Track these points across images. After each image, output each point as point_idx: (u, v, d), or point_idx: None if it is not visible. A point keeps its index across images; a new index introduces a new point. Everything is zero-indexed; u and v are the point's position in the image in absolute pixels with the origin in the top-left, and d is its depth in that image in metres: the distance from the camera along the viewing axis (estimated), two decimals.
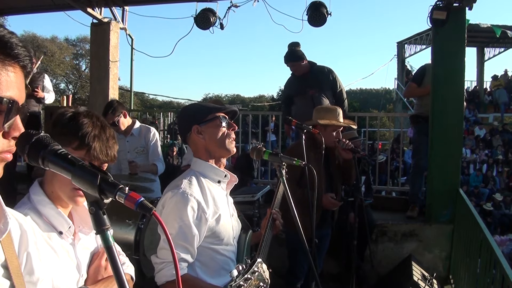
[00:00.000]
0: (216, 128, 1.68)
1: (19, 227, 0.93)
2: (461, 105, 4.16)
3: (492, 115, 15.67)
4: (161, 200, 1.63)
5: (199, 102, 2.09)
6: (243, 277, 1.04)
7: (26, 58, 0.77)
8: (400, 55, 17.40)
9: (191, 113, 1.74)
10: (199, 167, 1.70)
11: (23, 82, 0.78)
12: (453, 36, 4.01)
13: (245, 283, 1.03)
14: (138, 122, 3.72)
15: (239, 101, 34.91)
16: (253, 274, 1.06)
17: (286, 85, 4.63)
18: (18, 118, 0.77)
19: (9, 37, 0.75)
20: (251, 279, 1.04)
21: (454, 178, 4.13)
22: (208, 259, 1.64)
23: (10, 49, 0.75)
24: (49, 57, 23.83)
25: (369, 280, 3.92)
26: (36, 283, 0.94)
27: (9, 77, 0.74)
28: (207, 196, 1.63)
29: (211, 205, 1.63)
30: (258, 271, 1.07)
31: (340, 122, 2.93)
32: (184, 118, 1.76)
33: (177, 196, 1.56)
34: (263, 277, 1.09)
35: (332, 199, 2.87)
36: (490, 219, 9.99)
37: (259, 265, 1.08)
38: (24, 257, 0.93)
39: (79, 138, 1.20)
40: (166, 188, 1.67)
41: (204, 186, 1.65)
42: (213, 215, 1.63)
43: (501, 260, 2.35)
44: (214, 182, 1.70)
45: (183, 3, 5.55)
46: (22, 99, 0.77)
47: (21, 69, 0.78)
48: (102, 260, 1.27)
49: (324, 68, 4.35)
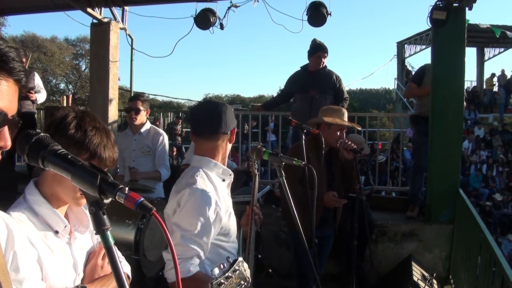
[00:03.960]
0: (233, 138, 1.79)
1: (5, 226, 0.94)
2: (461, 105, 4.16)
3: (491, 115, 15.69)
4: (175, 198, 1.64)
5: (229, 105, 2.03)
6: (224, 275, 1.06)
7: (20, 73, 0.78)
8: (400, 55, 17.43)
9: (231, 114, 1.75)
10: (206, 165, 1.71)
11: (15, 94, 0.79)
12: (453, 36, 4.01)
13: (226, 281, 1.06)
14: (149, 123, 3.71)
15: (239, 101, 34.89)
16: (234, 273, 1.09)
17: (290, 80, 4.59)
18: (6, 128, 0.77)
19: (5, 51, 0.76)
20: (232, 277, 1.08)
21: (454, 178, 4.13)
22: (215, 255, 1.66)
23: (5, 63, 0.76)
24: (49, 57, 23.85)
25: (369, 280, 3.91)
26: (22, 281, 0.96)
27: (1, 89, 0.75)
28: (218, 194, 1.66)
29: (223, 202, 1.67)
30: (239, 269, 1.11)
31: (345, 122, 2.94)
32: (226, 115, 1.72)
33: (196, 193, 1.58)
34: (244, 276, 1.12)
35: (334, 197, 2.88)
36: (490, 219, 10.00)
37: (240, 264, 1.12)
38: (10, 256, 0.93)
39: (89, 151, 1.20)
40: (176, 187, 1.68)
41: (214, 184, 1.68)
42: (226, 212, 1.67)
43: (501, 260, 2.35)
44: (220, 180, 1.73)
45: (183, 3, 5.55)
46: (12, 110, 0.78)
47: (15, 82, 0.78)
48: (98, 259, 1.28)
49: (333, 73, 4.39)
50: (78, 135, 1.20)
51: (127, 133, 3.68)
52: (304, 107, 4.27)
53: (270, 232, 4.36)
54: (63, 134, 1.19)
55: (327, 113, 2.99)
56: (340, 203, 2.94)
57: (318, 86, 4.28)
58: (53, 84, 26.04)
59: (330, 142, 2.87)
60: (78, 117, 1.24)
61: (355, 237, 2.94)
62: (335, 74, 4.38)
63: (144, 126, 3.58)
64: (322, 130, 2.87)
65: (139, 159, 3.54)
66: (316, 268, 2.06)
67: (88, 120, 1.24)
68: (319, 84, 4.28)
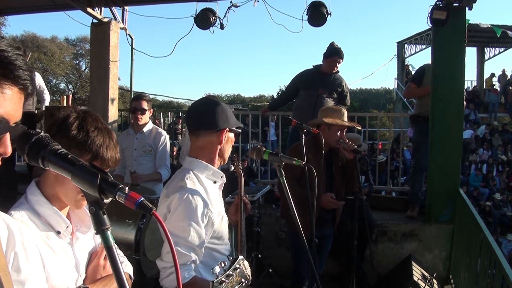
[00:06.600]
0: (231, 142, 1.74)
1: (6, 227, 0.94)
2: (461, 105, 4.16)
3: (491, 115, 15.70)
4: (165, 202, 1.60)
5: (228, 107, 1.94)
6: (225, 274, 1.06)
7: (26, 81, 0.77)
8: (400, 55, 17.42)
9: (226, 114, 1.68)
10: (196, 167, 1.67)
11: (19, 102, 0.78)
12: (453, 36, 4.00)
13: (227, 279, 1.06)
14: (152, 123, 3.72)
15: (239, 101, 34.86)
16: (234, 271, 1.08)
17: (298, 76, 4.54)
18: (7, 136, 0.77)
19: (12, 59, 0.75)
20: (232, 276, 1.07)
21: (454, 178, 4.13)
22: (209, 259, 1.64)
23: (10, 71, 0.75)
24: (49, 57, 23.85)
25: (369, 280, 3.91)
26: (24, 282, 0.95)
27: (4, 96, 0.74)
28: (209, 196, 1.63)
29: (215, 205, 1.64)
30: (240, 267, 1.10)
31: (345, 122, 2.95)
32: (217, 113, 1.66)
33: (186, 199, 1.54)
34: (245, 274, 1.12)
35: (332, 198, 2.87)
36: (490, 219, 10.00)
37: (241, 262, 1.11)
38: (12, 257, 0.93)
39: (92, 152, 1.19)
40: (166, 190, 1.65)
41: (205, 186, 1.64)
42: (218, 215, 1.64)
43: (501, 260, 2.35)
44: (211, 182, 1.70)
45: (183, 3, 5.55)
46: (14, 118, 0.77)
47: (20, 90, 0.77)
48: (100, 259, 1.28)
49: (343, 80, 4.42)
50: (80, 136, 1.19)
51: (128, 132, 3.69)
52: (309, 104, 4.26)
53: (270, 232, 4.37)
54: (65, 135, 1.18)
55: (327, 113, 2.99)
56: (337, 205, 2.93)
57: (326, 86, 4.29)
58: (53, 84, 26.03)
59: (330, 142, 2.87)
60: (80, 117, 1.23)
61: (355, 237, 2.94)
62: (344, 81, 4.42)
63: (147, 125, 3.59)
64: (322, 131, 2.87)
65: (140, 158, 3.54)
66: (316, 267, 2.06)
67: (90, 121, 1.23)
68: (328, 85, 4.30)
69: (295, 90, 4.55)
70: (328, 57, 4.27)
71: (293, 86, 4.57)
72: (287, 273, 3.65)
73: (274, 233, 4.40)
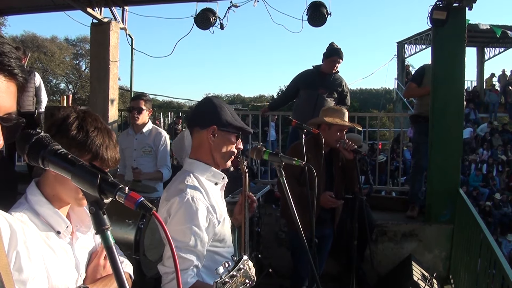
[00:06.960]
0: (228, 142, 1.66)
1: (8, 227, 0.94)
2: (461, 105, 4.16)
3: (491, 115, 15.69)
4: (165, 206, 1.57)
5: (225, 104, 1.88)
6: (229, 274, 1.05)
7: (12, 68, 0.75)
8: (400, 55, 17.43)
9: (217, 110, 1.63)
10: (197, 169, 1.64)
11: (7, 90, 0.75)
12: (453, 36, 4.01)
13: (230, 280, 1.04)
14: (151, 123, 3.72)
15: (239, 101, 34.88)
16: (238, 271, 1.06)
17: (299, 76, 4.56)
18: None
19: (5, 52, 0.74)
20: (236, 276, 1.06)
21: (454, 178, 4.13)
22: (211, 262, 1.61)
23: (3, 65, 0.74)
24: (49, 57, 23.86)
25: (369, 280, 3.91)
26: (26, 281, 0.95)
27: None
28: (210, 199, 1.60)
29: (216, 207, 1.60)
30: (244, 268, 1.08)
31: (345, 122, 2.95)
32: (207, 110, 1.65)
33: (186, 202, 1.50)
34: (249, 274, 1.10)
35: (331, 197, 2.87)
36: (490, 219, 10.00)
37: (245, 262, 1.09)
38: (13, 256, 0.93)
39: (92, 152, 1.19)
40: (167, 193, 1.62)
41: (206, 189, 1.61)
42: (219, 218, 1.61)
43: (501, 260, 2.35)
44: (212, 184, 1.67)
45: (183, 3, 5.55)
46: (5, 109, 0.75)
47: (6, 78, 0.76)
48: (100, 259, 1.27)
49: (343, 80, 4.43)
50: (80, 136, 1.19)
51: (128, 132, 3.69)
52: (309, 104, 4.27)
53: (270, 232, 4.37)
54: (65, 135, 1.18)
55: (328, 113, 2.99)
56: (336, 204, 2.93)
57: (327, 86, 4.31)
58: (53, 84, 26.06)
59: (330, 142, 2.87)
60: (79, 117, 1.23)
61: (355, 237, 2.94)
62: (344, 81, 4.43)
63: (146, 126, 3.59)
64: (323, 130, 2.87)
65: (140, 158, 3.55)
66: (316, 267, 2.06)
67: (90, 121, 1.23)
68: (328, 85, 4.32)
69: (295, 90, 4.56)
70: (328, 57, 4.29)
71: (293, 86, 4.58)
72: (287, 273, 3.65)
73: (274, 233, 4.40)
